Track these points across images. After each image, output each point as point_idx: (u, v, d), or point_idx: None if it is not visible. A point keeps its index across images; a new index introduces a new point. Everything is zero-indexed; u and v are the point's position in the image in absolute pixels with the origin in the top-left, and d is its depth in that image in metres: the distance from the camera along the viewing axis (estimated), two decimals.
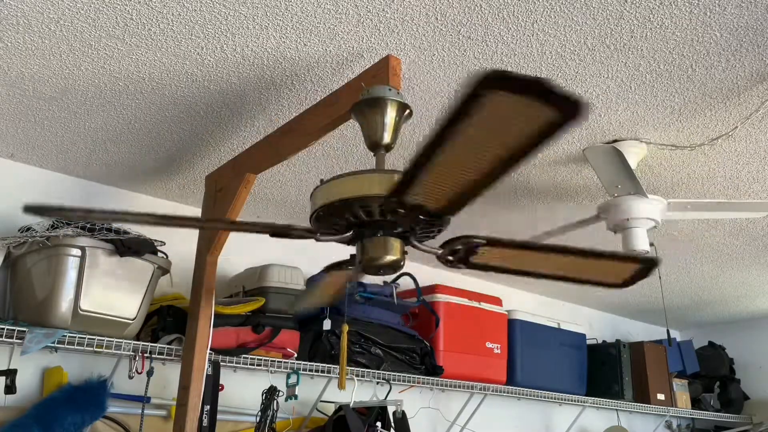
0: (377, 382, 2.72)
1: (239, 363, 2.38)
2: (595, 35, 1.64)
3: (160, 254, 2.28)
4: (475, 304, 3.18)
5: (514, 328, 3.35)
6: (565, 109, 0.86)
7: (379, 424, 2.55)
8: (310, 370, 2.52)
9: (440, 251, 1.37)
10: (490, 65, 1.76)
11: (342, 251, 1.50)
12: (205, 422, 2.23)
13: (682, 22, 1.58)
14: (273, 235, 1.35)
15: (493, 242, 1.30)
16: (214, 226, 2.02)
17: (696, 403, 4.26)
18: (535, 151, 0.95)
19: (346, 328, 2.04)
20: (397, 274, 2.55)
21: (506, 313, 3.35)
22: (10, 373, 2.05)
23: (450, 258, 1.38)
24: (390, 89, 1.45)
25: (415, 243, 1.36)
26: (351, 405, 2.53)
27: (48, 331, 2.00)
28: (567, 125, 0.88)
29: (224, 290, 2.68)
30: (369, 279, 2.72)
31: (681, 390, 4.13)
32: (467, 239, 1.31)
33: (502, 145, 0.95)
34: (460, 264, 1.37)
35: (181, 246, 2.36)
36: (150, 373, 2.22)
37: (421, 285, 2.94)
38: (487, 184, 1.06)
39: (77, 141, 2.24)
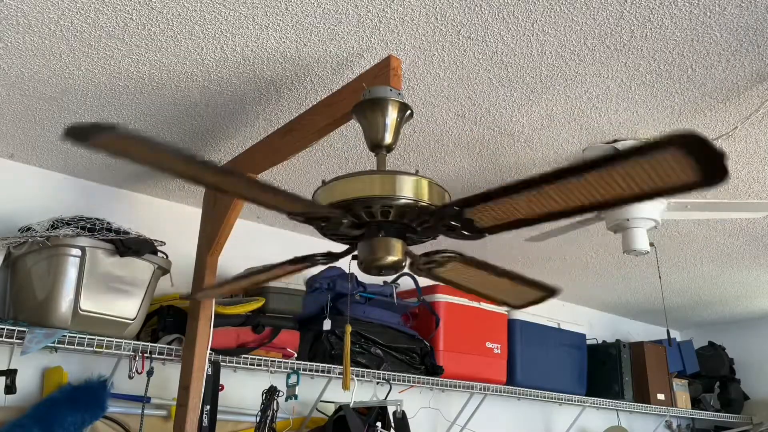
0: (377, 382, 2.72)
1: (239, 363, 2.38)
2: (595, 35, 1.64)
3: (160, 254, 2.28)
4: (475, 304, 3.18)
5: (514, 328, 3.35)
6: (708, 177, 0.85)
7: (379, 424, 2.55)
8: (310, 370, 2.52)
9: (423, 259, 1.38)
10: (491, 65, 1.76)
11: (341, 250, 1.50)
12: (205, 422, 2.23)
13: (682, 22, 1.58)
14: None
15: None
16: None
17: (696, 403, 4.27)
18: (628, 203, 0.94)
19: (349, 328, 2.03)
20: (398, 274, 2.56)
21: (506, 313, 3.35)
22: (10, 373, 2.05)
23: (422, 267, 1.41)
24: (391, 90, 1.45)
25: (411, 247, 1.36)
26: (351, 405, 2.53)
27: (48, 331, 2.00)
28: (695, 190, 0.88)
29: None
30: (369, 279, 2.72)
31: (681, 390, 4.13)
32: (447, 254, 1.35)
33: (599, 195, 0.95)
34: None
35: (181, 246, 2.36)
36: (150, 373, 2.22)
37: (421, 285, 2.94)
38: (546, 221, 1.06)
39: None
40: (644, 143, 0.85)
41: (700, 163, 0.84)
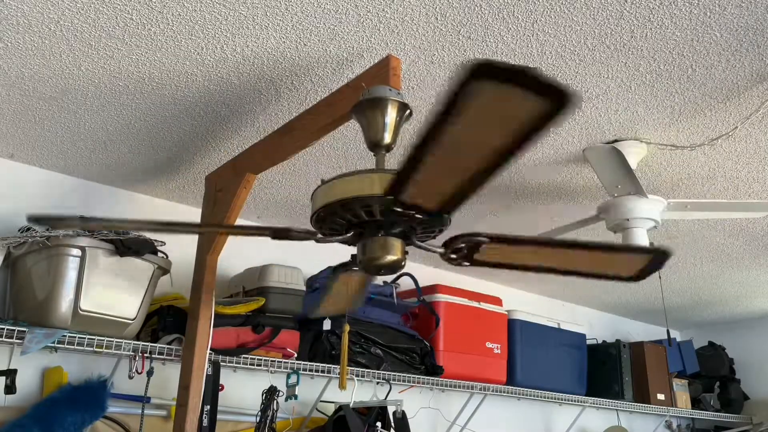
0: (377, 382, 2.72)
1: (239, 363, 2.38)
2: (595, 35, 1.64)
3: (160, 254, 2.28)
4: (475, 304, 3.18)
5: (514, 328, 3.35)
6: (555, 100, 0.85)
7: (379, 424, 2.55)
8: (310, 370, 2.52)
9: (442, 250, 1.37)
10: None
11: (342, 251, 1.50)
12: (205, 422, 2.22)
13: (682, 22, 1.58)
14: (273, 237, 1.35)
15: (496, 239, 1.29)
16: (212, 230, 2.02)
17: (696, 403, 4.26)
18: (527, 145, 0.94)
19: (347, 328, 2.04)
20: (398, 274, 2.56)
21: (506, 313, 3.35)
22: (10, 373, 2.05)
23: (453, 256, 1.37)
24: (390, 89, 1.45)
25: (418, 243, 1.35)
26: (351, 405, 2.53)
27: (48, 331, 2.00)
28: (558, 116, 0.87)
29: (224, 290, 2.68)
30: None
31: (681, 390, 4.13)
32: (469, 237, 1.30)
33: (493, 139, 0.94)
34: (465, 262, 1.36)
35: (181, 246, 2.36)
36: (150, 373, 2.22)
37: (421, 285, 2.94)
38: (481, 181, 1.06)
39: (77, 141, 2.24)
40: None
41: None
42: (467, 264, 1.38)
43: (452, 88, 0.84)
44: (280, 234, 1.34)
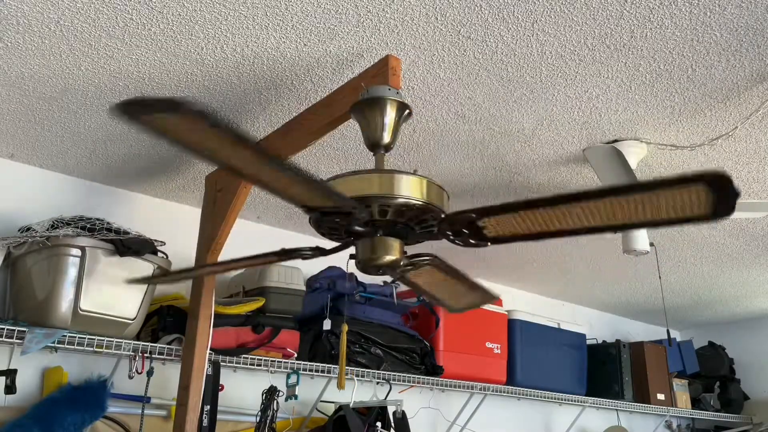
0: (377, 382, 2.72)
1: (239, 363, 2.38)
2: (595, 35, 1.64)
3: (160, 254, 2.28)
4: None
5: (514, 328, 3.35)
6: (719, 213, 0.88)
7: (379, 424, 2.55)
8: (310, 370, 2.52)
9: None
10: (491, 65, 1.76)
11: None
12: (205, 422, 2.23)
13: (682, 22, 1.58)
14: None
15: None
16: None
17: (696, 403, 4.26)
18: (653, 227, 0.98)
19: (345, 328, 2.04)
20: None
21: (506, 313, 3.35)
22: (10, 373, 2.05)
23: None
24: (390, 89, 1.45)
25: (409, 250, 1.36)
26: (351, 405, 2.53)
27: (48, 331, 2.00)
28: (707, 222, 0.91)
29: (224, 290, 2.68)
30: (369, 279, 2.72)
31: (681, 390, 4.13)
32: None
33: (622, 220, 0.97)
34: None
35: (181, 246, 2.36)
36: (150, 373, 2.22)
37: None
38: (554, 238, 1.07)
39: (77, 141, 2.24)
40: (672, 177, 0.89)
41: (719, 200, 0.89)
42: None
43: (670, 180, 0.88)
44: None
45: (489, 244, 1.26)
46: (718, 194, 0.90)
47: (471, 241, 1.26)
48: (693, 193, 0.91)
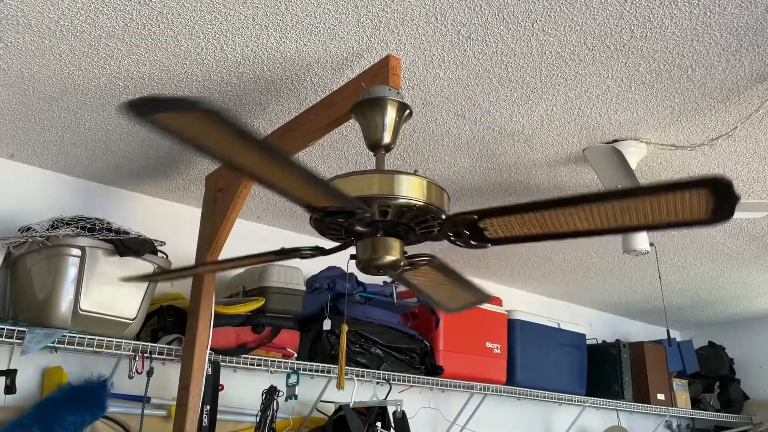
0: (377, 382, 2.72)
1: (239, 363, 2.38)
2: (595, 35, 1.64)
3: (160, 254, 2.28)
4: None
5: (514, 328, 3.35)
6: (718, 217, 0.89)
7: (379, 424, 2.55)
8: (310, 370, 2.52)
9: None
10: (491, 65, 1.76)
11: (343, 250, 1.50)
12: (205, 422, 2.23)
13: (682, 22, 1.58)
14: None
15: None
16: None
17: (696, 403, 4.26)
18: (655, 230, 0.98)
19: (345, 328, 2.04)
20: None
21: (506, 313, 3.35)
22: (10, 373, 2.05)
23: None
24: (390, 89, 1.45)
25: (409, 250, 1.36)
26: (351, 405, 2.53)
27: (48, 331, 2.00)
28: (707, 226, 0.92)
29: (224, 290, 2.68)
30: (369, 279, 2.72)
31: (681, 390, 4.13)
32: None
33: (623, 223, 0.97)
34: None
35: (181, 246, 2.36)
36: (150, 373, 2.22)
37: None
38: (554, 239, 1.07)
39: (77, 141, 2.24)
40: (673, 181, 0.89)
41: (719, 204, 0.89)
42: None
43: (672, 185, 0.89)
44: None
45: (490, 245, 1.26)
46: (718, 198, 0.91)
47: (472, 242, 1.26)
48: (694, 198, 0.92)
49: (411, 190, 1.26)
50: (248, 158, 0.99)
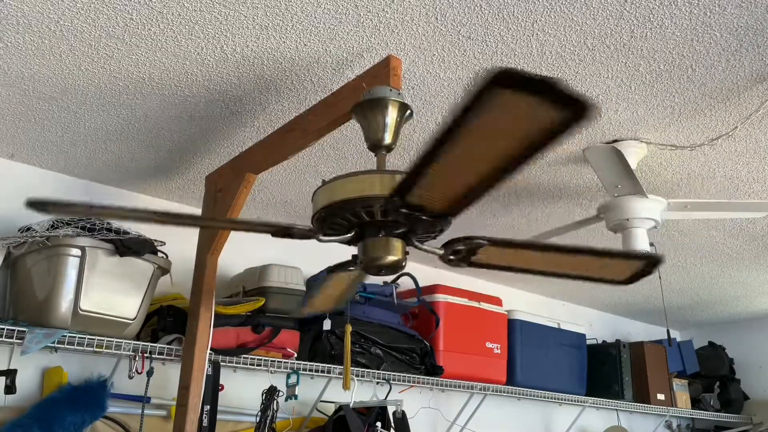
0: (377, 382, 2.72)
1: (239, 363, 2.38)
2: (595, 35, 1.64)
3: (160, 254, 2.28)
4: (475, 304, 3.17)
5: (514, 328, 3.35)
6: (573, 110, 0.85)
7: (379, 424, 2.55)
8: (310, 370, 2.52)
9: (442, 251, 1.37)
10: (491, 65, 1.76)
11: (342, 251, 1.50)
12: (205, 422, 2.22)
13: (682, 22, 1.58)
14: (274, 234, 1.35)
15: (495, 242, 1.31)
16: (214, 225, 2.02)
17: (696, 403, 4.26)
18: (540, 152, 0.95)
19: (349, 328, 2.04)
20: (398, 274, 2.56)
21: (506, 313, 3.35)
22: (10, 373, 2.05)
23: (452, 257, 1.38)
24: (391, 89, 1.45)
25: (417, 244, 1.36)
26: (351, 405, 2.53)
27: (48, 331, 2.00)
28: (574, 126, 0.88)
29: (224, 290, 2.68)
30: (369, 279, 2.72)
31: (681, 390, 4.13)
32: (469, 240, 1.32)
33: (507, 145, 0.95)
34: (462, 263, 1.38)
35: (181, 246, 2.36)
36: (150, 373, 2.22)
37: (421, 285, 2.94)
38: (490, 186, 1.06)
39: (77, 141, 2.24)
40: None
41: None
42: (464, 265, 1.40)
43: (470, 94, 0.84)
44: (281, 231, 1.34)
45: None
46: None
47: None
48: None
49: None
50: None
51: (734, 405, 4.41)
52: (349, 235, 1.35)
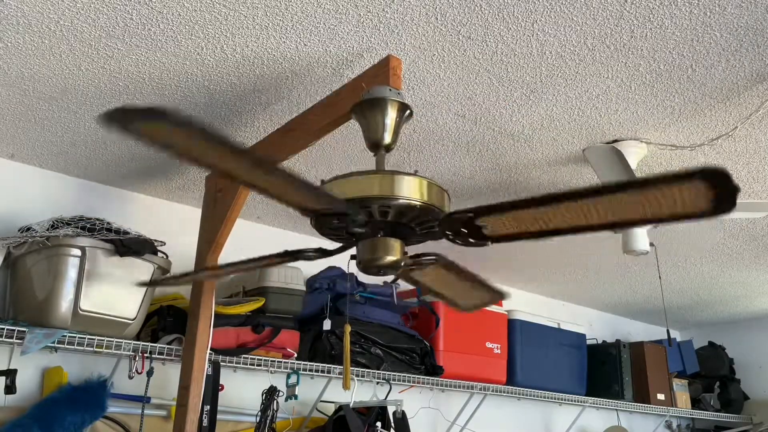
0: (377, 382, 2.72)
1: (239, 363, 2.38)
2: (595, 35, 1.64)
3: (160, 254, 2.28)
4: None
5: (514, 328, 3.35)
6: (719, 209, 0.88)
7: (379, 424, 2.55)
8: (310, 370, 2.52)
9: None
10: (491, 65, 1.76)
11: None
12: (205, 422, 2.23)
13: (682, 22, 1.58)
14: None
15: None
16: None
17: (696, 403, 4.27)
18: (645, 225, 0.98)
19: (348, 328, 2.03)
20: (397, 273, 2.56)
21: (506, 313, 3.35)
22: (10, 373, 2.05)
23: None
24: (390, 89, 1.45)
25: (415, 241, 1.35)
26: (351, 405, 2.53)
27: (48, 331, 2.00)
28: (705, 218, 0.91)
29: (224, 290, 2.68)
30: (369, 279, 2.72)
31: (681, 390, 4.13)
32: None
33: (621, 217, 0.97)
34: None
35: (181, 246, 2.36)
36: (150, 373, 2.22)
37: None
38: (553, 236, 1.07)
39: (77, 141, 2.24)
40: (670, 174, 0.88)
41: (719, 196, 0.89)
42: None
43: (667, 177, 0.89)
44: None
45: (489, 243, 1.25)
46: (716, 190, 0.90)
47: (471, 240, 1.25)
48: (692, 190, 0.91)
49: (411, 191, 1.26)
50: (231, 166, 1.00)
51: (734, 405, 4.42)
52: (351, 239, 1.35)
